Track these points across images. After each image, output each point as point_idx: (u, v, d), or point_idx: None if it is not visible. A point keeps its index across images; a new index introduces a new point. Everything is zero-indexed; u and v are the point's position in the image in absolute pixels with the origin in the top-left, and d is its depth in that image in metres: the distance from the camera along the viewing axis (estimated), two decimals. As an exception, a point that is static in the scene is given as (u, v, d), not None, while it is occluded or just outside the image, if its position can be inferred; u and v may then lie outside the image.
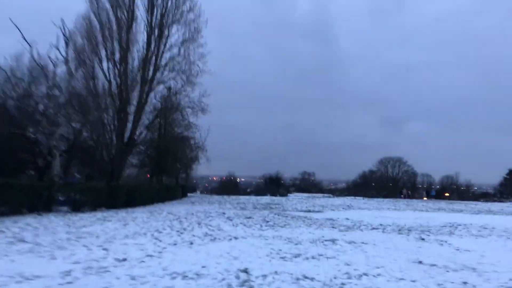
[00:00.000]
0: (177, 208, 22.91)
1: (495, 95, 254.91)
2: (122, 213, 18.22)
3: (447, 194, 77.41)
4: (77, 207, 18.27)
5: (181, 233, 11.96)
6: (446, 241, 11.77)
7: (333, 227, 14.77)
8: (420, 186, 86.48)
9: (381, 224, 16.32)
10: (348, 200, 41.32)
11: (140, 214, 18.05)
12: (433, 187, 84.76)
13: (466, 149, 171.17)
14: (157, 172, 32.07)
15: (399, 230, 14.55)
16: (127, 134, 26.63)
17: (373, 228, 14.83)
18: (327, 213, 22.36)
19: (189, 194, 45.89)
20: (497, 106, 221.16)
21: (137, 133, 27.50)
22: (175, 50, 28.42)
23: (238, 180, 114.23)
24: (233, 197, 43.30)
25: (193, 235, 11.45)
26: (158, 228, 12.98)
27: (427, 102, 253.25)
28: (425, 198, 58.79)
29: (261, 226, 14.40)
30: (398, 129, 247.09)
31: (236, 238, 11.18)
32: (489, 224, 17.36)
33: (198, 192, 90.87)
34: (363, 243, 10.91)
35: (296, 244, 10.40)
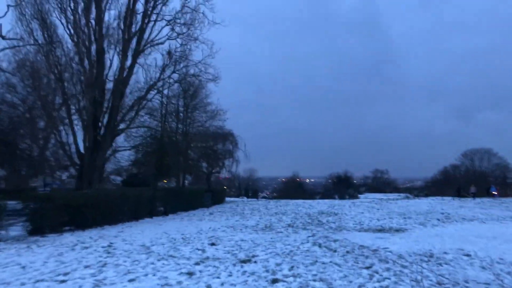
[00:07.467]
0: (161, 228, 14.32)
1: None
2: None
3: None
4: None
5: None
6: None
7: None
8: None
9: None
10: (436, 203, 29.84)
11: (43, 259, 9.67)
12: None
13: None
14: (161, 173, 23.88)
15: None
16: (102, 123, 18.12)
17: None
18: (415, 234, 12.39)
19: (227, 199, 37.44)
20: None
21: (119, 118, 19.00)
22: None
23: (307, 181, 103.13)
24: (282, 202, 33.86)
25: None
26: None
27: (499, 88, 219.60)
28: None
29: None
30: (471, 119, 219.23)
31: None
32: None
33: (261, 195, 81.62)
34: None
35: None
